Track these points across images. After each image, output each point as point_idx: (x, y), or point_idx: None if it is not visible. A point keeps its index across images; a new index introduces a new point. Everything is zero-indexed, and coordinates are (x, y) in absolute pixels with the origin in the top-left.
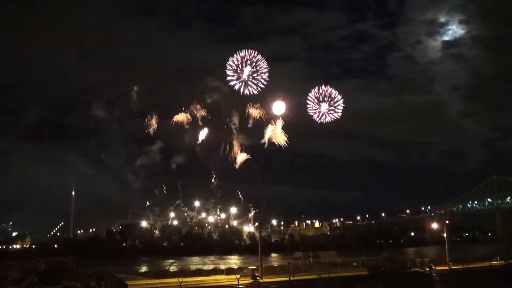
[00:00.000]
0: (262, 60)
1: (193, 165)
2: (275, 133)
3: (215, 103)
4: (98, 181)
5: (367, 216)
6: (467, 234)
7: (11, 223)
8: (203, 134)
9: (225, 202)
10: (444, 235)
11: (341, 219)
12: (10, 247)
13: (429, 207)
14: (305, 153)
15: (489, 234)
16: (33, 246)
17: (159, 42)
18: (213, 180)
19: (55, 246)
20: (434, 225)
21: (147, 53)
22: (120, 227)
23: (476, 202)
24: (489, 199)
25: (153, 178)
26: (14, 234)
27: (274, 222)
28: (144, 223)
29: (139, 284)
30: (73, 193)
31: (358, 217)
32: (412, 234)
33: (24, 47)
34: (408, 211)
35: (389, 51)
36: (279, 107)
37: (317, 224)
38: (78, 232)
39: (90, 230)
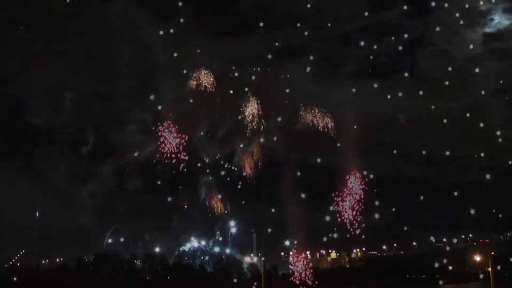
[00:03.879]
0: None
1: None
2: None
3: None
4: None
5: (395, 245)
6: None
7: None
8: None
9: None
10: (489, 269)
11: (363, 249)
12: None
13: (470, 235)
14: (317, 167)
15: None
16: None
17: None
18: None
19: (14, 279)
20: (477, 257)
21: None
22: (94, 256)
23: None
24: None
25: (115, 197)
26: None
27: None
28: (123, 252)
29: None
30: (37, 214)
31: (384, 247)
32: (450, 267)
33: None
34: (445, 239)
35: (420, 45)
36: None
37: (333, 255)
38: (43, 262)
39: (57, 260)
